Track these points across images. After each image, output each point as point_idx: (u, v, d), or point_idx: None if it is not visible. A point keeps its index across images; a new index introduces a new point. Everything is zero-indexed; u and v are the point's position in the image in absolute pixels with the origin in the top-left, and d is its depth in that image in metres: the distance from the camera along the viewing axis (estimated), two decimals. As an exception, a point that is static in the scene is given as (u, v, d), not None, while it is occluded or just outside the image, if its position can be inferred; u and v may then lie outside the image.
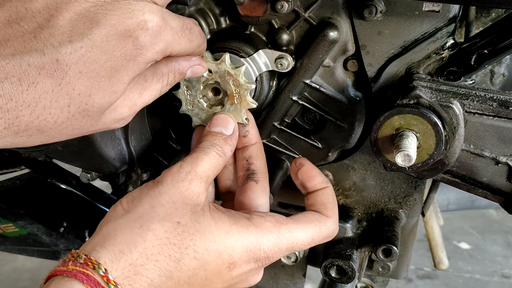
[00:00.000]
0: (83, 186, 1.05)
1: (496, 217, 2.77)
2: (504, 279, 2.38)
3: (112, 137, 0.77)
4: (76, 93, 0.52)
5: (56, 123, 0.53)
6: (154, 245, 0.57)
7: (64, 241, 1.06)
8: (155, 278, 0.56)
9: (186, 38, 0.60)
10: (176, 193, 0.61)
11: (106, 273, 0.53)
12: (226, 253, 0.61)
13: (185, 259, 0.58)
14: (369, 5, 0.69)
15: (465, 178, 0.69)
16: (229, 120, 0.71)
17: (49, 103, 0.51)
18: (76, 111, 0.53)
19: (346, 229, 0.86)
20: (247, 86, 0.71)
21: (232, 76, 0.71)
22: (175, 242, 0.58)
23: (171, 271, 0.57)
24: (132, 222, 0.58)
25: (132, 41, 0.53)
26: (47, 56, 0.50)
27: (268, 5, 0.71)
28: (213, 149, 0.66)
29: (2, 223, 1.07)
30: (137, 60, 0.54)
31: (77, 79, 0.52)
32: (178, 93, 0.73)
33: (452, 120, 0.65)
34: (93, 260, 0.54)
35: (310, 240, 0.67)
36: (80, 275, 0.52)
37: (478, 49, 0.68)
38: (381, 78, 0.74)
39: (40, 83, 0.50)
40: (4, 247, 1.13)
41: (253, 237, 0.62)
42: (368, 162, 0.83)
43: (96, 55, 0.52)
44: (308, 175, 0.74)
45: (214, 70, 0.71)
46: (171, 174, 0.62)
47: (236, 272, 0.62)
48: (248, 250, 0.62)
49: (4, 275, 2.36)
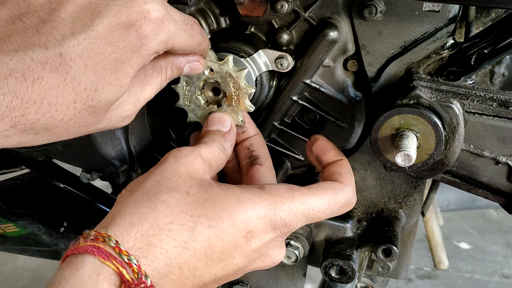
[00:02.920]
0: (83, 186, 1.05)
1: (496, 217, 2.77)
2: (504, 279, 2.38)
3: (112, 137, 0.77)
4: (82, 88, 0.52)
5: (63, 121, 0.52)
6: (165, 215, 0.55)
7: (65, 241, 1.06)
8: (170, 249, 0.54)
9: (187, 32, 0.60)
10: (181, 167, 0.60)
11: (117, 244, 0.51)
12: (240, 220, 0.58)
13: (199, 228, 0.56)
14: (369, 5, 0.69)
15: (465, 178, 0.69)
16: (225, 117, 0.72)
17: (55, 99, 0.50)
18: (83, 107, 0.53)
19: (346, 229, 0.86)
20: (246, 90, 0.71)
21: (233, 79, 0.71)
22: (186, 211, 0.56)
23: (186, 241, 0.55)
24: (140, 197, 0.56)
25: (135, 30, 0.53)
26: (50, 50, 0.50)
27: (268, 5, 0.71)
28: (214, 143, 0.66)
29: (3, 223, 1.07)
30: (141, 52, 0.54)
31: (82, 73, 0.51)
32: (177, 87, 0.73)
33: (452, 120, 0.65)
34: (103, 234, 0.52)
35: (326, 206, 0.64)
36: (91, 249, 0.51)
37: (478, 49, 0.68)
38: (381, 78, 0.74)
39: (45, 79, 0.49)
40: (5, 247, 1.13)
41: (267, 203, 0.60)
42: (368, 162, 0.83)
43: (100, 47, 0.51)
44: (323, 148, 0.72)
45: (216, 70, 0.71)
46: (172, 153, 0.62)
47: (255, 243, 0.60)
48: (263, 217, 0.59)
49: (5, 274, 2.36)
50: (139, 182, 0.60)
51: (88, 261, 0.50)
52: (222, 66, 0.70)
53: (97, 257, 0.50)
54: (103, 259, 0.50)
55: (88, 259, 0.50)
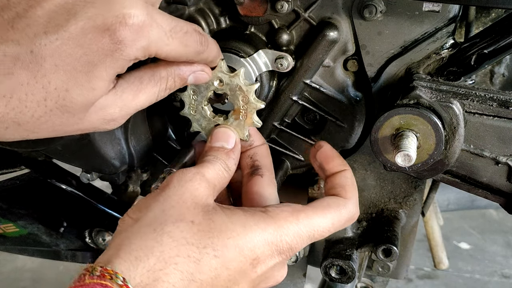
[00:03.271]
0: (83, 186, 1.05)
1: (496, 217, 2.77)
2: (504, 279, 2.38)
3: (112, 137, 0.77)
4: (52, 87, 0.51)
5: (34, 117, 0.52)
6: (171, 248, 0.54)
7: (65, 241, 1.06)
8: (177, 283, 0.53)
9: (178, 40, 0.57)
10: (185, 192, 0.59)
11: (125, 281, 0.50)
12: (247, 248, 0.57)
13: (205, 258, 0.55)
14: (369, 5, 0.69)
15: (465, 178, 0.69)
16: (230, 133, 0.70)
17: (24, 95, 0.50)
18: (54, 106, 0.52)
19: (346, 229, 0.86)
20: (256, 105, 0.69)
21: (243, 92, 0.69)
22: (192, 241, 0.55)
23: (193, 274, 0.54)
24: (144, 227, 0.55)
25: (109, 35, 0.51)
26: (22, 47, 0.49)
27: (268, 5, 0.71)
28: (217, 162, 0.65)
29: (2, 223, 1.07)
30: (115, 56, 0.52)
31: (52, 72, 0.51)
32: (183, 95, 0.71)
33: (452, 120, 0.65)
34: (110, 271, 0.51)
35: (330, 225, 0.64)
36: (98, 287, 0.49)
37: (478, 49, 0.68)
38: (381, 78, 0.74)
39: (15, 74, 0.49)
40: (5, 247, 1.13)
41: (272, 229, 0.59)
42: (368, 162, 0.83)
43: (72, 48, 0.51)
44: (326, 156, 0.71)
45: (226, 82, 0.68)
46: (177, 176, 0.60)
47: (261, 269, 0.59)
48: (270, 243, 0.59)
49: (5, 275, 2.36)
50: (142, 208, 0.58)
51: None
52: (232, 78, 0.68)
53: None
54: None
55: None
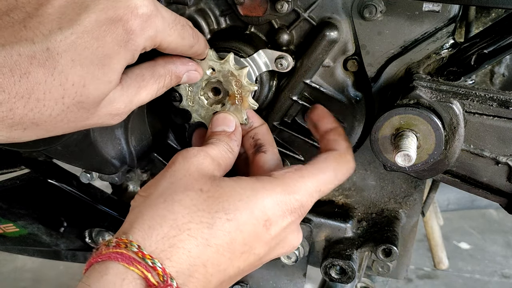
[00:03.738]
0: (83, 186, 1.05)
1: (496, 217, 2.77)
2: (504, 279, 2.38)
3: (112, 137, 0.77)
4: (70, 83, 0.51)
5: (51, 116, 0.52)
6: (183, 215, 0.55)
7: (65, 241, 1.06)
8: (192, 248, 0.54)
9: (177, 32, 0.60)
10: (191, 167, 0.60)
11: (140, 248, 0.51)
12: (258, 210, 0.58)
13: (218, 223, 0.56)
14: (369, 5, 0.69)
15: (465, 178, 0.69)
16: (229, 117, 0.72)
17: (42, 94, 0.50)
18: (71, 102, 0.53)
19: (346, 229, 0.86)
20: (249, 88, 0.71)
21: (235, 77, 0.71)
22: (203, 207, 0.56)
23: (207, 239, 0.55)
24: (155, 199, 0.57)
25: (122, 25, 0.53)
26: (37, 45, 0.49)
27: (268, 5, 0.71)
28: (221, 143, 0.67)
29: (2, 223, 1.07)
30: (128, 46, 0.54)
31: (69, 68, 0.51)
32: (180, 88, 0.73)
33: (452, 120, 0.65)
34: (125, 240, 0.52)
35: (333, 177, 0.66)
36: (114, 255, 0.51)
37: (478, 49, 0.68)
38: (381, 78, 0.74)
39: (32, 73, 0.49)
40: (5, 247, 1.13)
41: (280, 189, 0.60)
42: (368, 162, 0.83)
43: (87, 41, 0.51)
44: (319, 115, 0.74)
45: (217, 69, 0.71)
46: (181, 154, 0.62)
47: (274, 230, 0.60)
48: (280, 203, 0.60)
49: (5, 275, 2.36)
50: (151, 185, 0.60)
51: (112, 267, 0.51)
52: (223, 65, 0.70)
53: (121, 263, 0.50)
54: (127, 264, 0.50)
55: (112, 265, 0.51)
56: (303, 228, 0.85)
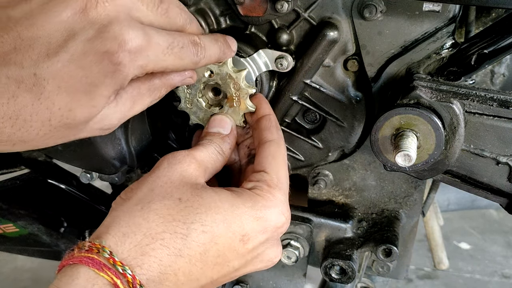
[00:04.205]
0: (83, 186, 1.05)
1: (496, 217, 2.77)
2: (504, 279, 2.38)
3: (112, 137, 0.77)
4: (56, 107, 0.52)
5: (38, 135, 0.53)
6: (157, 224, 0.55)
7: (65, 241, 1.06)
8: (164, 258, 0.54)
9: (173, 56, 0.58)
10: (174, 173, 0.60)
11: (112, 255, 0.52)
12: (235, 225, 0.59)
13: (193, 234, 0.56)
14: (369, 5, 0.69)
15: (465, 178, 0.69)
16: (226, 120, 0.72)
17: (29, 116, 0.51)
18: (58, 124, 0.53)
19: (346, 229, 0.86)
20: (247, 91, 0.71)
21: (233, 80, 0.71)
22: (179, 218, 0.56)
23: (180, 249, 0.55)
24: (133, 206, 0.57)
25: (108, 58, 0.52)
26: (25, 70, 0.50)
27: (268, 5, 0.71)
28: (211, 145, 0.67)
29: (2, 223, 1.07)
30: (115, 76, 0.53)
31: (56, 94, 0.51)
32: (178, 91, 0.73)
33: (452, 120, 0.65)
34: (97, 245, 0.53)
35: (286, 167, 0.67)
36: (85, 260, 0.52)
37: (478, 49, 0.67)
38: (381, 78, 0.74)
39: (20, 97, 0.50)
40: (5, 247, 1.13)
41: (261, 205, 0.61)
42: (368, 162, 0.83)
43: (73, 70, 0.51)
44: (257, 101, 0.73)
45: (215, 72, 0.71)
46: (167, 158, 0.62)
47: (251, 244, 0.60)
48: (259, 218, 0.60)
49: (5, 275, 2.36)
50: (133, 189, 0.60)
51: (83, 272, 0.52)
52: (221, 68, 0.70)
53: (92, 268, 0.51)
54: (97, 270, 0.51)
55: (83, 270, 0.52)
56: (303, 228, 0.85)
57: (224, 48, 0.67)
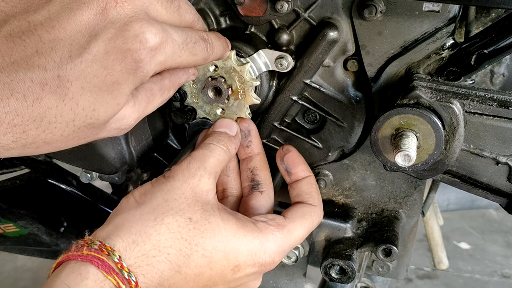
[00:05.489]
0: (83, 186, 1.05)
1: (496, 217, 2.77)
2: (504, 279, 2.38)
3: (112, 138, 0.77)
4: (80, 108, 0.53)
5: (62, 136, 0.54)
6: (166, 238, 0.58)
7: (65, 241, 1.06)
8: (165, 271, 0.57)
9: (188, 51, 0.60)
10: (188, 189, 0.62)
11: (120, 260, 0.55)
12: (232, 255, 0.62)
13: (194, 255, 0.59)
14: (369, 5, 0.69)
15: (465, 178, 0.69)
16: (232, 123, 0.74)
17: (54, 118, 0.51)
18: (82, 124, 0.54)
19: (346, 229, 0.86)
20: (251, 83, 0.73)
21: (238, 73, 0.72)
22: (186, 237, 0.59)
23: (180, 266, 0.59)
24: (146, 214, 0.59)
25: (131, 55, 0.53)
26: (49, 73, 0.50)
27: (268, 5, 0.71)
28: (219, 145, 0.69)
29: (3, 223, 1.07)
30: (137, 73, 0.54)
31: (79, 94, 0.52)
32: (184, 86, 0.75)
33: (452, 120, 0.65)
34: (108, 247, 0.55)
35: (306, 232, 0.69)
36: (95, 260, 0.54)
37: (478, 49, 0.68)
38: (381, 78, 0.74)
39: (44, 99, 0.50)
40: (5, 247, 1.13)
41: (258, 242, 0.63)
42: (368, 162, 0.83)
43: (96, 69, 0.52)
44: (293, 161, 0.75)
45: (220, 66, 0.72)
46: (181, 170, 0.64)
47: (239, 275, 0.64)
48: (253, 254, 0.63)
49: (5, 274, 2.36)
50: (147, 193, 0.62)
51: (92, 273, 0.54)
52: (225, 62, 0.72)
53: (101, 270, 0.54)
54: (106, 273, 0.54)
55: (93, 271, 0.54)
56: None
57: (225, 45, 0.69)
